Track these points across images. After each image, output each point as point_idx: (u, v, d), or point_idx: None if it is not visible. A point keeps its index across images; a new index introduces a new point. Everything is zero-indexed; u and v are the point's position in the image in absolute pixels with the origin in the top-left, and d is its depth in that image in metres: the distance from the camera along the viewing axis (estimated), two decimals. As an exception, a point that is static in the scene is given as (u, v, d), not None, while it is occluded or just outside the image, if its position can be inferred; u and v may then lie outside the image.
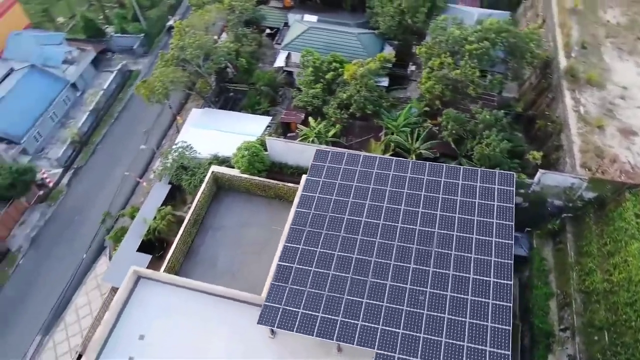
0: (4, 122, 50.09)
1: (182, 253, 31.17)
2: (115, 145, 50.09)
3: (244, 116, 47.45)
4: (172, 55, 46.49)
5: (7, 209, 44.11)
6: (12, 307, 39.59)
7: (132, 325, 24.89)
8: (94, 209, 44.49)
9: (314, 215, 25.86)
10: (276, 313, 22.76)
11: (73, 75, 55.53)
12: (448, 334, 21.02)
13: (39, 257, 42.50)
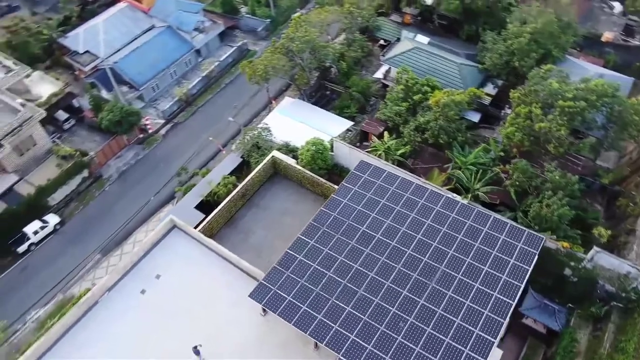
0: (132, 68, 57.28)
1: (224, 219, 34.13)
2: (214, 112, 54.93)
3: (328, 115, 49.56)
4: (282, 44, 49.88)
5: (110, 142, 50.80)
6: (89, 224, 45.78)
7: (153, 265, 28.28)
8: (177, 162, 49.55)
9: (335, 219, 27.19)
10: (267, 293, 24.61)
11: (200, 43, 61.65)
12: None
13: (121, 189, 48.51)
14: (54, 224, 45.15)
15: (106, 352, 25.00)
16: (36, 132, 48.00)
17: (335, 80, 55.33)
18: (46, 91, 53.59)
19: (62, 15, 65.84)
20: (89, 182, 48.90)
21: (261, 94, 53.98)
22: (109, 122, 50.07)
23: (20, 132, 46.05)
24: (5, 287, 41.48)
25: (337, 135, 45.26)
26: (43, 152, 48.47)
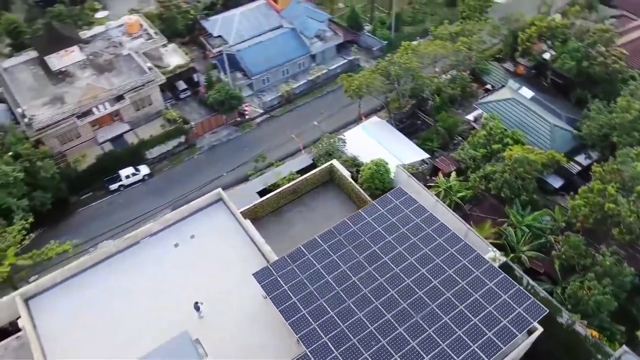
0: (251, 59, 63.04)
1: (271, 207, 37.18)
2: (307, 114, 58.71)
3: (408, 143, 50.66)
4: (383, 65, 52.12)
5: (210, 117, 56.78)
6: (172, 182, 51.70)
7: (192, 226, 32.22)
8: (260, 149, 54.01)
9: (353, 232, 28.80)
10: (269, 277, 27.03)
11: (317, 49, 65.92)
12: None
13: (207, 160, 54.10)
14: (144, 174, 51.76)
15: (129, 284, 29.18)
16: (154, 94, 55.29)
17: (428, 112, 56.16)
18: (174, 62, 61.21)
19: (210, 1, 74.19)
20: (183, 147, 55.11)
21: (354, 108, 56.50)
22: (214, 100, 56.00)
23: (141, 90, 53.45)
24: (92, 214, 48.72)
25: (408, 164, 46.27)
26: (154, 112, 55.68)
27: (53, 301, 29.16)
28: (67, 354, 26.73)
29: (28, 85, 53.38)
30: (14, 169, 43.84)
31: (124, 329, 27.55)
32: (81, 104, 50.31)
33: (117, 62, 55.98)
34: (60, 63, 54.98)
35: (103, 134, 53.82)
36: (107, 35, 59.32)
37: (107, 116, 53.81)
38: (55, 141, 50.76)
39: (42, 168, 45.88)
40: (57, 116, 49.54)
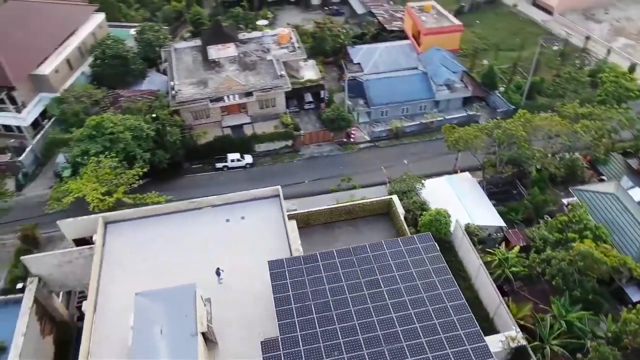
0: (376, 89, 67.30)
1: (324, 219, 40.86)
2: (407, 152, 61.04)
3: (489, 207, 50.28)
4: (490, 126, 52.61)
5: (319, 131, 62.23)
6: (267, 176, 57.69)
7: (247, 210, 37.27)
8: (350, 171, 57.85)
9: (367, 257, 31.09)
10: (279, 267, 30.64)
11: (441, 97, 68.00)
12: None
13: (302, 167, 59.47)
14: (247, 162, 58.88)
15: (180, 238, 35.11)
16: (279, 98, 62.48)
17: (526, 185, 54.84)
18: (308, 76, 68.10)
19: (361, 32, 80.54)
20: (287, 150, 61.29)
21: (452, 159, 57.40)
22: (326, 116, 61.40)
23: (268, 92, 60.95)
24: (194, 181, 56.97)
25: (479, 225, 46.31)
26: (274, 113, 62.83)
27: (123, 230, 36.27)
28: (117, 268, 33.39)
29: (186, 66, 64.25)
30: (149, 127, 53.66)
31: (162, 268, 33.22)
32: (217, 90, 59.25)
33: (259, 64, 64.46)
34: (216, 54, 65.11)
35: (228, 120, 62.36)
36: (260, 41, 68.46)
37: (236, 106, 62.22)
38: (189, 115, 60.34)
39: (170, 133, 55.21)
40: (197, 95, 59.05)
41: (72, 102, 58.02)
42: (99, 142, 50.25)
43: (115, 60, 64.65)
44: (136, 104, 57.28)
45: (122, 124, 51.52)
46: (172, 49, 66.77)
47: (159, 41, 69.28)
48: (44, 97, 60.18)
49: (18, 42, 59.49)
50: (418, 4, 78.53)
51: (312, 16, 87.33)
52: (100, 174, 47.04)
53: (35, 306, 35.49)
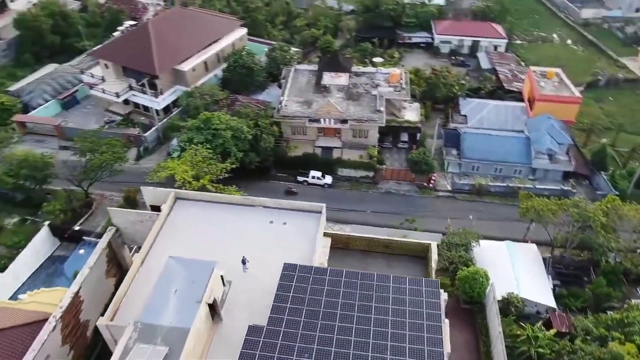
0: (472, 143, 67.38)
1: (361, 246, 43.49)
2: (478, 210, 60.55)
3: (545, 285, 48.40)
4: (569, 203, 50.74)
5: (402, 169, 64.42)
6: (342, 198, 61.56)
7: (290, 218, 41.04)
8: (418, 214, 59.22)
9: (370, 284, 33.11)
10: (290, 271, 33.99)
11: (540, 165, 65.96)
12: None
13: (375, 199, 62.19)
14: (326, 182, 63.25)
15: (229, 226, 40.08)
16: (372, 131, 66.08)
17: (597, 272, 51.43)
18: (409, 117, 70.90)
19: (478, 86, 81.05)
20: (366, 180, 64.46)
21: (524, 227, 55.77)
22: (411, 157, 63.50)
23: (363, 123, 64.96)
24: (272, 187, 62.51)
25: (521, 298, 45.07)
26: (364, 144, 66.45)
27: (188, 207, 42.50)
28: (171, 236, 39.56)
29: (299, 86, 71.08)
30: (248, 131, 60.75)
31: (205, 246, 38.03)
32: (316, 112, 64.80)
33: (363, 97, 68.87)
34: (329, 81, 71.04)
35: (321, 140, 67.49)
36: (372, 76, 72.95)
37: (332, 130, 67.13)
38: (288, 129, 66.66)
39: (265, 140, 61.81)
40: (298, 113, 65.21)
41: (197, 97, 67.69)
42: (203, 134, 58.33)
43: (243, 70, 73.84)
44: (246, 109, 65.00)
45: (226, 123, 59.15)
46: (293, 69, 74.17)
47: (284, 60, 77.36)
48: (178, 89, 70.97)
49: (170, 40, 71.31)
50: (543, 69, 77.01)
51: (437, 63, 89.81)
52: (194, 160, 54.65)
53: (108, 250, 43.10)
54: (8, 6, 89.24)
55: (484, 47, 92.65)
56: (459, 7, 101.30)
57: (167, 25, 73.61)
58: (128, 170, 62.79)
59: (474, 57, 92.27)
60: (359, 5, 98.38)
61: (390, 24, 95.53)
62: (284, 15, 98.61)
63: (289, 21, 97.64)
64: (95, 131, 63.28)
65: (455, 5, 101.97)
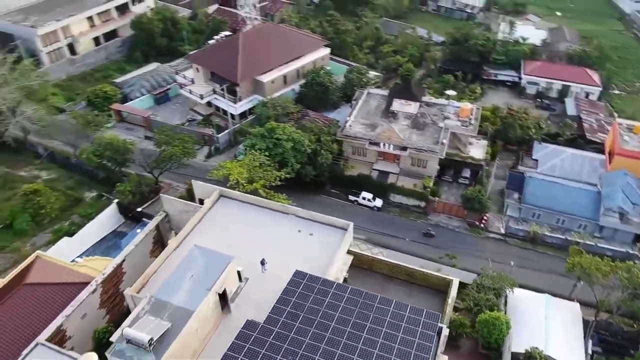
0: (536, 189, 64.37)
1: (384, 270, 44.04)
2: (530, 258, 58.08)
3: (578, 345, 45.67)
4: (623, 266, 47.51)
5: (453, 205, 63.61)
6: (385, 221, 62.21)
7: (318, 229, 42.95)
8: (461, 251, 58.20)
9: (370, 305, 33.87)
10: (299, 278, 35.74)
11: (608, 223, 61.70)
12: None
13: (420, 228, 61.85)
14: (375, 205, 64.22)
15: (261, 229, 42.69)
16: (431, 162, 66.01)
17: (646, 348, 47.33)
18: (473, 153, 69.88)
19: (556, 132, 77.57)
20: (417, 210, 64.43)
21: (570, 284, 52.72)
22: (465, 194, 62.63)
23: (422, 153, 65.22)
24: (323, 203, 64.25)
25: (546, 355, 42.94)
26: (420, 173, 66.52)
27: (229, 205, 45.87)
28: (207, 228, 42.99)
29: (368, 109, 72.98)
30: (309, 145, 63.64)
31: (235, 242, 40.86)
32: (377, 136, 66.22)
33: (429, 127, 69.11)
34: (398, 107, 72.19)
35: (380, 164, 68.66)
36: (442, 108, 72.91)
37: (392, 155, 68.06)
38: (349, 148, 68.70)
39: (323, 156, 64.31)
40: (360, 134, 67.06)
41: (270, 107, 72.05)
42: (265, 141, 62.10)
43: (319, 87, 77.34)
44: (311, 124, 68.09)
45: (288, 135, 62.49)
46: (366, 92, 76.28)
47: (360, 82, 79.77)
48: (256, 98, 75.97)
49: (256, 53, 76.71)
50: (632, 123, 72.24)
51: (520, 103, 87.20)
52: (252, 165, 58.39)
53: (155, 232, 47.74)
54: (130, 8, 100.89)
55: (574, 93, 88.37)
56: (555, 49, 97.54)
57: (255, 39, 79.24)
58: (197, 165, 68.25)
59: (561, 102, 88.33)
60: (449, 37, 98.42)
61: (477, 58, 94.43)
62: (372, 40, 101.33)
63: (376, 46, 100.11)
64: (173, 126, 69.83)
65: (551, 47, 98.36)
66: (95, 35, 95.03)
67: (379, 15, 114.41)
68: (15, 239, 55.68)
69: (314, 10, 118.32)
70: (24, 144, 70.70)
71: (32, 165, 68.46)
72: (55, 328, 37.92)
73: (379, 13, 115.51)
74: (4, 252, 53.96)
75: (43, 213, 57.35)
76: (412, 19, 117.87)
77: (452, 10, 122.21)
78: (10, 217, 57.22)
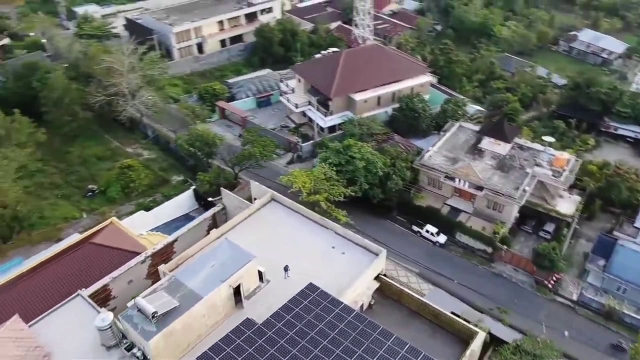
0: (627, 260, 57.18)
1: (409, 304, 42.76)
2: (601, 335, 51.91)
3: None
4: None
5: (524, 257, 58.99)
6: (442, 258, 59.70)
7: (346, 246, 43.01)
8: (516, 309, 53.78)
9: (355, 326, 33.31)
10: (313, 291, 36.35)
11: None
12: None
13: (478, 274, 58.33)
14: (438, 240, 61.95)
15: (296, 234, 44.19)
16: (508, 208, 61.81)
17: None
18: (560, 207, 64.31)
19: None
20: (483, 254, 60.83)
21: None
22: (537, 249, 57.87)
23: (498, 197, 61.57)
24: (384, 228, 63.52)
25: None
26: (494, 217, 62.65)
27: (276, 209, 47.70)
28: (251, 225, 45.35)
29: (454, 141, 70.71)
30: (382, 168, 63.57)
31: (271, 244, 42.72)
32: (454, 171, 63.95)
33: (514, 171, 65.01)
34: (487, 145, 69.01)
35: (454, 200, 66.11)
36: (535, 153, 68.08)
37: (468, 193, 65.18)
38: (425, 178, 67.21)
39: (394, 181, 63.78)
40: (437, 166, 65.34)
41: (357, 126, 73.25)
42: (339, 157, 63.37)
43: (410, 113, 76.83)
44: (390, 147, 67.92)
45: (362, 154, 63.07)
46: (457, 124, 74.00)
47: (454, 114, 77.58)
48: (346, 115, 77.63)
49: (354, 71, 78.48)
50: None
51: (637, 163, 78.06)
52: (319, 177, 59.97)
53: (211, 222, 51.52)
54: (258, 17, 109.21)
55: None
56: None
57: (358, 57, 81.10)
58: (276, 169, 71.68)
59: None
60: (570, 80, 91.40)
61: (598, 107, 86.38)
62: (484, 73, 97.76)
63: (487, 80, 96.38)
64: (263, 129, 74.06)
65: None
66: (222, 38, 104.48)
67: (500, 49, 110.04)
68: (105, 204, 63.49)
69: (434, 37, 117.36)
70: (137, 125, 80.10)
71: (139, 144, 77.34)
72: (101, 286, 42.76)
73: (502, 47, 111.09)
74: (94, 213, 61.81)
75: (132, 186, 64.56)
76: (538, 57, 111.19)
77: (585, 54, 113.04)
78: (106, 184, 65.32)
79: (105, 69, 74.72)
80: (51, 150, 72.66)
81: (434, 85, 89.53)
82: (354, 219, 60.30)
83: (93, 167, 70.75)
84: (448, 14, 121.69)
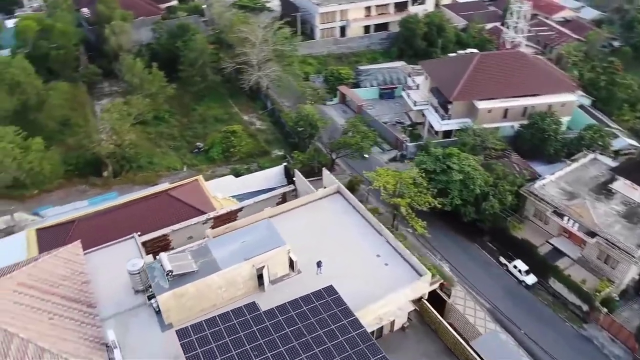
0: None
1: (442, 337, 38.30)
2: None
3: None
4: None
5: (624, 329, 48.88)
6: (525, 305, 52.33)
7: (390, 257, 39.79)
8: None
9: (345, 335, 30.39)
10: (330, 294, 34.39)
11: None
12: None
13: (564, 333, 49.95)
14: (525, 280, 54.30)
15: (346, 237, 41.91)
16: (623, 265, 51.61)
17: None
18: None
19: None
20: (575, 309, 51.91)
21: None
22: (645, 322, 47.40)
23: (614, 250, 51.53)
24: (467, 251, 57.80)
25: None
26: (604, 273, 52.80)
27: (337, 203, 45.57)
28: (301, 216, 44.25)
29: (581, 174, 60.76)
30: (480, 186, 57.34)
31: (315, 236, 41.59)
32: (565, 207, 55.07)
33: None
34: (620, 187, 58.22)
35: (558, 241, 57.24)
36: (682, 210, 55.45)
37: (579, 237, 55.86)
38: (531, 208, 59.25)
39: (489, 202, 57.18)
40: (546, 198, 56.95)
41: (471, 135, 67.13)
42: (436, 164, 58.79)
43: (539, 133, 67.97)
44: (498, 166, 60.96)
45: (462, 167, 57.59)
46: (591, 156, 63.55)
47: (591, 143, 66.62)
48: (465, 122, 71.52)
49: (485, 76, 71.41)
50: None
51: None
52: (406, 180, 56.37)
53: (280, 199, 51.92)
54: (408, 7, 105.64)
55: None
56: None
57: (493, 63, 73.62)
58: (377, 164, 69.20)
59: None
60: None
61: None
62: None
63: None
64: (374, 120, 72.05)
65: None
66: (367, 24, 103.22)
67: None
68: (205, 162, 67.83)
69: (606, 54, 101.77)
70: (258, 95, 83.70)
71: (255, 113, 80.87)
72: (160, 234, 45.82)
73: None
74: (193, 168, 66.46)
75: (232, 151, 67.83)
76: None
77: None
78: (210, 144, 69.65)
79: (240, 38, 78.93)
80: (180, 105, 79.61)
81: (583, 107, 77.99)
82: (432, 232, 55.70)
83: (210, 127, 75.86)
84: (632, 29, 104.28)
